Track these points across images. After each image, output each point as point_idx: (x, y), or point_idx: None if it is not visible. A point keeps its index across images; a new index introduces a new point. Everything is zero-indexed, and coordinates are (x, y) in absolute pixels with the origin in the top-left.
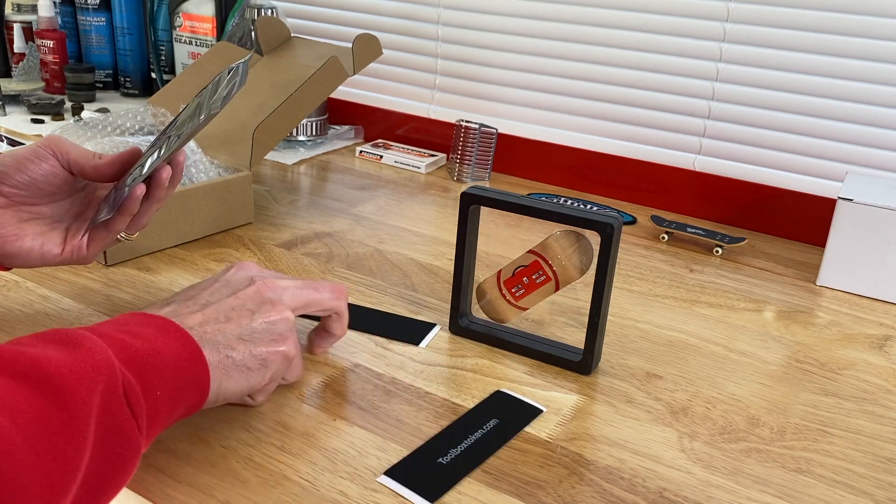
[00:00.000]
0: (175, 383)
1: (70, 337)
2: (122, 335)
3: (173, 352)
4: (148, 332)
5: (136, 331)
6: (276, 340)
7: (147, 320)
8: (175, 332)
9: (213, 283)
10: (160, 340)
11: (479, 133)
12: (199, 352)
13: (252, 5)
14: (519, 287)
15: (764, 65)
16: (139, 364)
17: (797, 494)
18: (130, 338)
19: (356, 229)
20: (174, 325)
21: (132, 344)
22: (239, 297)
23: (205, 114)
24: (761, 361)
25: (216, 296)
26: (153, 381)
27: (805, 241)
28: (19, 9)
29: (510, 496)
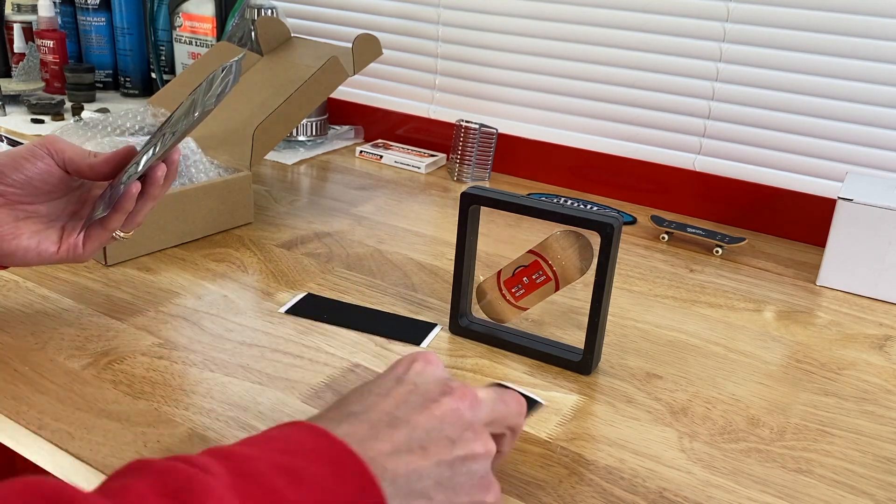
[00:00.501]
0: None
1: (193, 490)
2: (278, 479)
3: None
4: (316, 472)
5: (301, 468)
6: (479, 486)
7: (318, 447)
8: (355, 475)
9: (395, 385)
10: (332, 487)
11: (479, 133)
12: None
13: (252, 5)
14: (519, 287)
15: (764, 65)
16: None
17: (797, 494)
18: (289, 484)
19: (356, 229)
20: (357, 460)
21: (288, 499)
22: (434, 415)
23: (199, 111)
24: (761, 361)
25: (405, 409)
26: None
27: (805, 241)
28: (19, 9)
29: (510, 496)
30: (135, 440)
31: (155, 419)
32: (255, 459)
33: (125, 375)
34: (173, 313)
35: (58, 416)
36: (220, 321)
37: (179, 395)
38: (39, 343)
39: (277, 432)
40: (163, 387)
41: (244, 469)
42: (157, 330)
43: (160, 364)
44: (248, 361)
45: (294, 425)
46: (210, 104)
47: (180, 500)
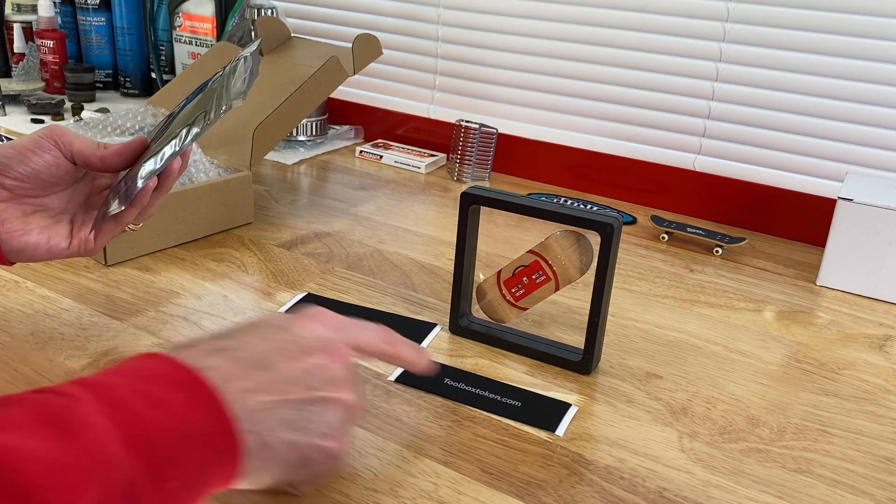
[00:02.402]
0: (197, 469)
1: (66, 415)
2: (137, 402)
3: (200, 430)
4: (174, 399)
5: (159, 394)
6: (326, 435)
7: (176, 378)
8: (208, 403)
9: (278, 331)
10: (186, 411)
11: (479, 133)
12: (234, 436)
13: (252, 5)
14: (519, 287)
15: (764, 65)
16: (154, 449)
17: (797, 494)
18: (147, 407)
19: (356, 229)
20: (211, 392)
21: (148, 419)
22: (302, 366)
23: (225, 107)
24: (761, 361)
25: (277, 356)
26: (168, 469)
27: (805, 241)
28: (19, 9)
29: (510, 496)
30: None
31: None
32: (116, 386)
33: None
34: (173, 313)
35: None
36: (220, 321)
37: None
38: (39, 343)
39: (132, 368)
40: None
41: (107, 395)
42: (157, 330)
43: None
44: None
45: (153, 356)
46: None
47: (56, 425)
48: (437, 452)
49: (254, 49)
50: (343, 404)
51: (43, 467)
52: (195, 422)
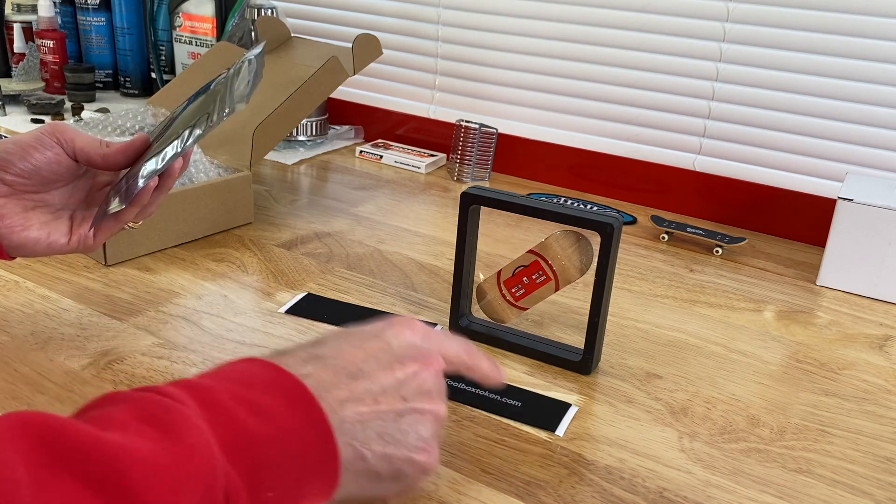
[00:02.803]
0: (294, 481)
1: (169, 416)
2: (238, 409)
3: (301, 440)
4: (274, 406)
5: (260, 401)
6: (419, 448)
7: (278, 383)
8: (310, 412)
9: (370, 339)
10: (288, 420)
11: (479, 133)
12: (332, 448)
13: (252, 5)
14: (519, 287)
15: (764, 65)
16: (253, 457)
17: (797, 494)
18: (249, 414)
19: (356, 229)
20: (311, 400)
21: (248, 427)
22: (396, 375)
23: (228, 110)
24: (761, 361)
25: (371, 364)
26: (266, 479)
27: (805, 241)
28: (19, 9)
29: (510, 496)
30: None
31: None
32: (217, 391)
33: (125, 375)
34: (173, 313)
35: None
36: (220, 321)
37: None
38: (39, 343)
39: (233, 371)
40: None
41: (208, 399)
42: (157, 330)
43: (160, 364)
44: None
45: (254, 361)
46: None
47: (160, 426)
48: None
49: (259, 52)
50: (435, 416)
51: (146, 466)
52: (295, 431)
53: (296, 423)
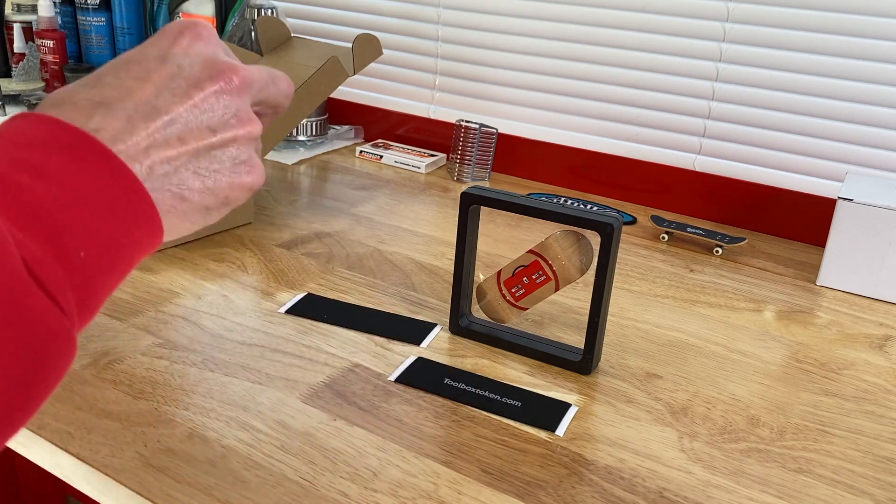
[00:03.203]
0: (109, 238)
1: None
2: (19, 176)
3: (105, 196)
4: (66, 166)
5: (42, 163)
6: (239, 169)
7: (65, 142)
8: (109, 168)
9: (157, 64)
10: (85, 180)
11: (479, 133)
12: (144, 195)
13: (252, 5)
14: (519, 287)
15: (764, 65)
16: (49, 223)
17: (797, 494)
18: (32, 179)
19: (356, 229)
20: (109, 154)
21: (37, 193)
22: (198, 104)
23: None
24: (761, 361)
25: (166, 97)
26: (71, 241)
27: (805, 241)
28: (19, 9)
29: (510, 496)
30: (135, 440)
31: (155, 419)
32: None
33: (125, 375)
34: (173, 313)
35: (58, 416)
36: (220, 321)
37: (179, 395)
38: None
39: (11, 124)
40: (163, 387)
41: None
42: (157, 330)
43: (160, 364)
44: (248, 361)
45: (27, 116)
46: None
47: None
48: (437, 452)
49: None
50: (248, 136)
51: None
52: (96, 190)
53: (95, 182)
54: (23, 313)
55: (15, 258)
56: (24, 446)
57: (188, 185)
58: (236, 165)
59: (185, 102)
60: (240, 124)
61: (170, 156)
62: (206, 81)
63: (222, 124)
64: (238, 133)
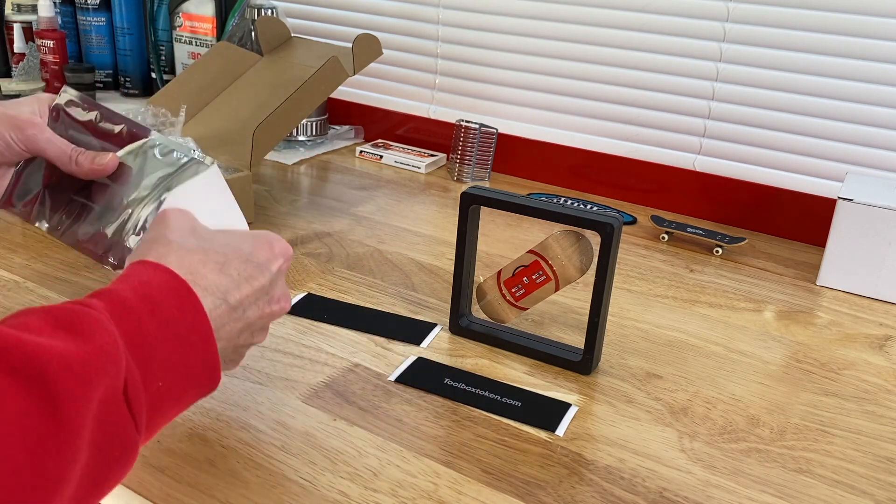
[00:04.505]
0: (180, 376)
1: (82, 321)
2: (142, 310)
3: (189, 346)
4: (171, 315)
5: (160, 300)
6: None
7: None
8: (202, 330)
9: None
10: (181, 326)
11: (479, 133)
12: (216, 357)
13: (252, 5)
14: (519, 287)
15: (764, 65)
16: (148, 352)
17: (797, 494)
18: (149, 316)
19: (356, 229)
20: (206, 320)
21: (148, 328)
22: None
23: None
24: (761, 361)
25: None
26: (157, 370)
27: (805, 241)
28: (19, 9)
29: (510, 496)
30: None
31: None
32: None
33: None
34: None
35: None
36: None
37: None
38: None
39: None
40: None
41: (117, 301)
42: None
43: None
44: (248, 361)
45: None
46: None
47: (72, 329)
48: (437, 452)
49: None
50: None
51: (61, 360)
52: (185, 339)
53: (187, 339)
54: (111, 427)
55: (121, 377)
56: None
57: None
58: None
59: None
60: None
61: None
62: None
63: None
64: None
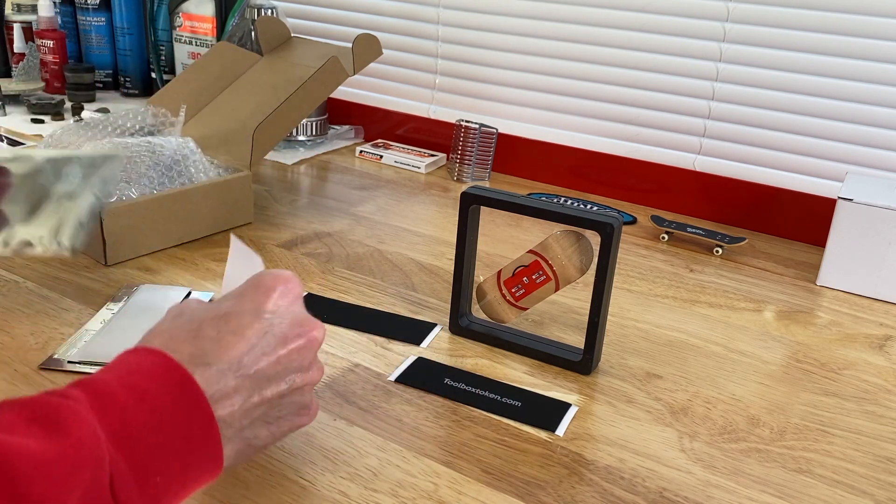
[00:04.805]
0: (180, 468)
1: (59, 414)
2: (126, 397)
3: (187, 431)
4: (160, 398)
5: (146, 388)
6: (299, 413)
7: (162, 375)
8: (196, 408)
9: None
10: (172, 411)
11: (479, 133)
12: (216, 440)
13: (252, 5)
14: (519, 287)
15: (764, 65)
16: (138, 445)
17: (797, 494)
18: (135, 403)
19: (356, 229)
20: (198, 394)
21: (135, 416)
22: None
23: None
24: (761, 361)
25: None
26: (153, 465)
27: (805, 241)
28: (19, 9)
29: (510, 496)
30: None
31: None
32: (108, 382)
33: None
34: None
35: None
36: None
37: None
38: (39, 343)
39: (124, 364)
40: None
41: (99, 390)
42: None
43: None
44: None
45: (142, 354)
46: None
47: (48, 424)
48: (437, 452)
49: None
50: (314, 381)
51: (32, 460)
52: (181, 427)
53: (184, 422)
54: None
55: (105, 473)
56: None
57: (257, 435)
58: (299, 410)
59: (270, 358)
60: (308, 373)
61: (248, 408)
62: (292, 339)
63: (294, 374)
64: (306, 381)
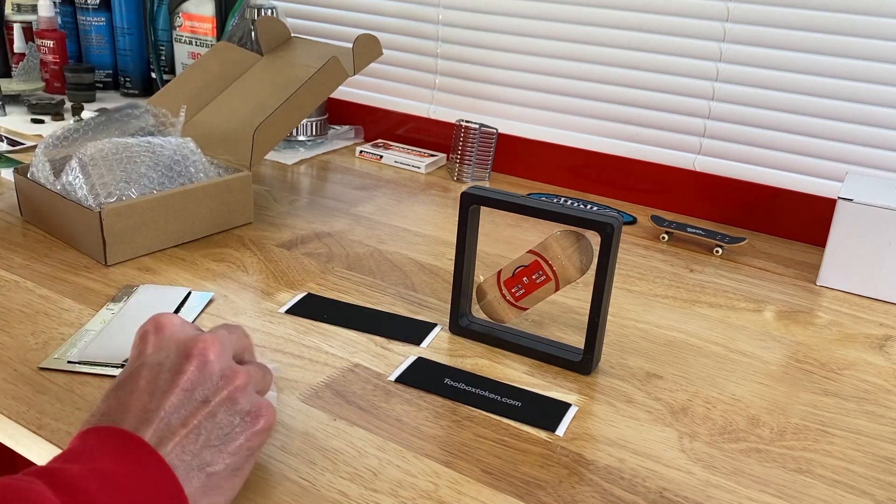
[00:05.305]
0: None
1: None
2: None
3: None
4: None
5: (112, 472)
6: (247, 421)
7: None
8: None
9: (141, 370)
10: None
11: (479, 133)
12: (179, 490)
13: (252, 5)
14: (519, 287)
15: (764, 65)
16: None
17: (797, 494)
18: (106, 496)
19: (356, 229)
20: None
21: (99, 498)
22: (185, 387)
23: None
24: (761, 361)
25: (157, 398)
26: None
27: (805, 241)
28: (19, 9)
29: (510, 496)
30: None
31: None
32: (70, 478)
33: None
34: None
35: (58, 417)
36: (220, 321)
37: None
38: (39, 343)
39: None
40: None
41: (58, 479)
42: None
43: None
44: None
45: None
46: None
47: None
48: (436, 452)
49: None
50: (240, 386)
51: None
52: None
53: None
54: None
55: None
56: (23, 446)
57: (209, 461)
58: (244, 419)
59: (173, 392)
60: (227, 382)
61: (181, 443)
62: (184, 363)
63: (212, 391)
64: (229, 390)
